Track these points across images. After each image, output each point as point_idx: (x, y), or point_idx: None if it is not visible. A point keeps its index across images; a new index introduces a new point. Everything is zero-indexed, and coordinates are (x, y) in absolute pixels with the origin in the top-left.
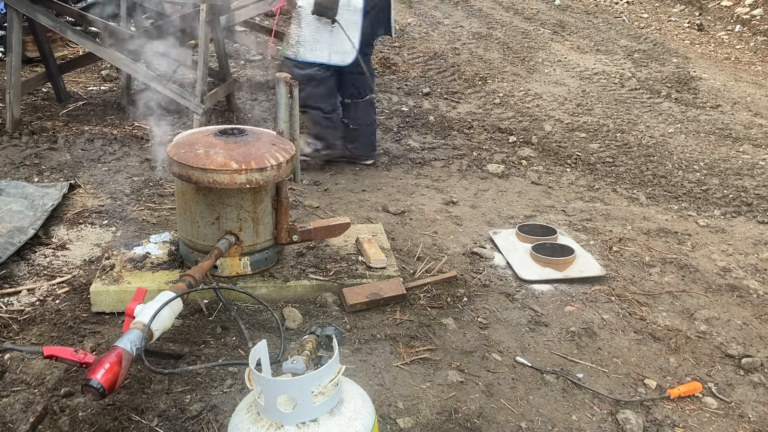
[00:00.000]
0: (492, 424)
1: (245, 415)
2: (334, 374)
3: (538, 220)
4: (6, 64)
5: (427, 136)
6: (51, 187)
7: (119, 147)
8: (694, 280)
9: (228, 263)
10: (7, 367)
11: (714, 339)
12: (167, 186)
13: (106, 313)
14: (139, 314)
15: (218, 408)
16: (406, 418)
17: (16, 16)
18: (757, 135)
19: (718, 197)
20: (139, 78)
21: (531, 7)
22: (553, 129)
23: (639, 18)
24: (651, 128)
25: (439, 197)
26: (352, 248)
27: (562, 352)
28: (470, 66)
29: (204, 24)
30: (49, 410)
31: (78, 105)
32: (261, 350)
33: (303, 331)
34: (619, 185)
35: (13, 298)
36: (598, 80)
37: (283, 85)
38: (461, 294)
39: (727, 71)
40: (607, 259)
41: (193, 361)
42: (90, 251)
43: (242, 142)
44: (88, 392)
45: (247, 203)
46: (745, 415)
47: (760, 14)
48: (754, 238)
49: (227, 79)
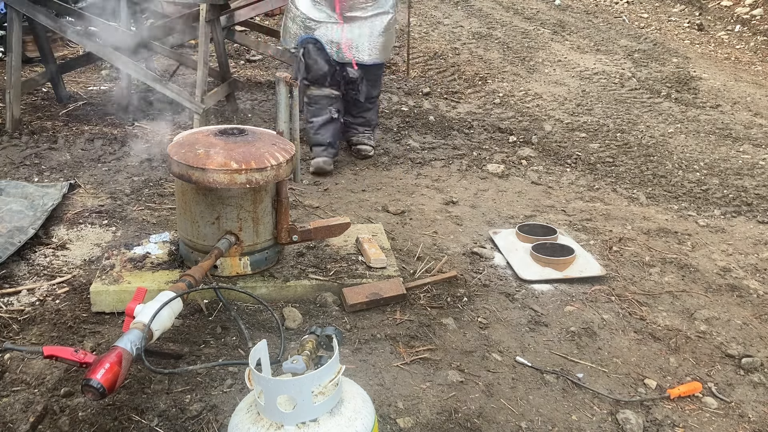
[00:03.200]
0: (492, 424)
1: (245, 415)
2: (334, 374)
3: (538, 220)
4: (6, 64)
5: (427, 136)
6: (51, 187)
7: (119, 147)
8: (694, 280)
9: (228, 263)
10: (7, 367)
11: (714, 339)
12: (167, 186)
13: (106, 313)
14: (139, 314)
15: (218, 408)
16: (406, 418)
17: (16, 16)
18: (757, 135)
19: (718, 197)
20: (139, 78)
21: (531, 7)
22: (553, 129)
23: (639, 18)
24: (651, 128)
25: (439, 197)
26: (352, 248)
27: (562, 352)
28: (470, 66)
29: (204, 24)
30: (49, 410)
31: (78, 105)
32: (261, 350)
33: (303, 331)
34: (619, 185)
35: (13, 298)
36: (598, 80)
37: (283, 85)
38: (461, 294)
39: (727, 71)
40: (607, 259)
41: (193, 361)
42: (90, 251)
43: (242, 141)
44: (88, 392)
45: (247, 203)
46: (745, 415)
47: (760, 14)
48: (754, 238)
49: (227, 79)
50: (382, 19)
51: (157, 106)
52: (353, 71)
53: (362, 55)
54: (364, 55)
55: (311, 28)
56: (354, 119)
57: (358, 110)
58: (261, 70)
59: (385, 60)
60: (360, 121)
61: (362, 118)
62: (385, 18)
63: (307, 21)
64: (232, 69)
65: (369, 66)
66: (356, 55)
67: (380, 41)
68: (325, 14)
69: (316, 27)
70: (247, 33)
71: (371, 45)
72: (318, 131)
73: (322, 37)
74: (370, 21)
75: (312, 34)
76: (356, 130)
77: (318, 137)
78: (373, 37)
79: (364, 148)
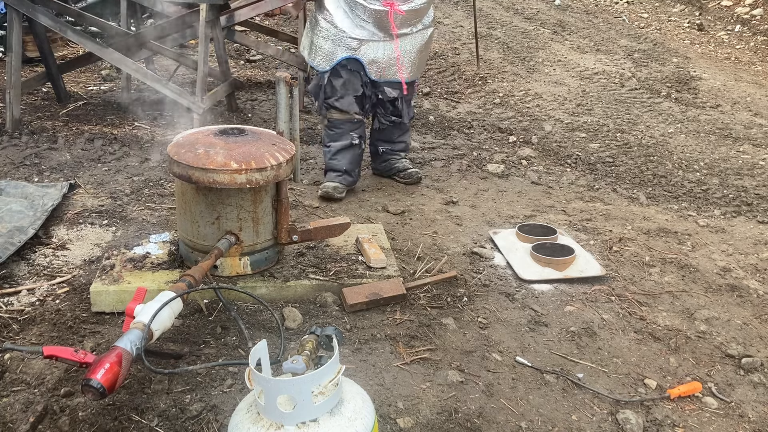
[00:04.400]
0: (492, 424)
1: (245, 415)
2: (334, 374)
3: (538, 220)
4: (6, 64)
5: (427, 136)
6: (51, 187)
7: (119, 147)
8: (694, 280)
9: (228, 263)
10: (7, 367)
11: (714, 339)
12: (167, 186)
13: (106, 313)
14: (139, 314)
15: (218, 408)
16: (406, 418)
17: (16, 16)
18: (757, 135)
19: (718, 197)
20: (139, 78)
21: (531, 7)
22: (553, 129)
23: (639, 18)
24: (651, 128)
25: (439, 197)
26: (352, 248)
27: (562, 352)
28: (470, 66)
29: (204, 24)
30: (49, 410)
31: (78, 105)
32: (261, 350)
33: (303, 331)
34: (619, 185)
35: (13, 298)
36: (598, 80)
37: (283, 85)
38: (461, 294)
39: (727, 71)
40: (607, 259)
41: (193, 361)
42: (90, 251)
43: (242, 141)
44: (88, 392)
45: (247, 203)
46: (745, 415)
47: (760, 14)
48: (754, 238)
49: (227, 79)
50: (423, 34)
51: (157, 106)
52: (391, 91)
53: (404, 72)
54: (405, 72)
55: (353, 48)
56: (394, 146)
57: (399, 134)
58: (261, 70)
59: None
60: (400, 147)
61: (402, 143)
62: (427, 33)
63: (347, 39)
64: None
65: (408, 84)
66: (399, 73)
67: (420, 57)
68: (368, 32)
69: (359, 46)
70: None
71: (411, 61)
72: (335, 156)
73: (364, 57)
74: (412, 37)
75: (355, 54)
76: (398, 156)
77: (333, 162)
78: (413, 53)
79: (414, 171)
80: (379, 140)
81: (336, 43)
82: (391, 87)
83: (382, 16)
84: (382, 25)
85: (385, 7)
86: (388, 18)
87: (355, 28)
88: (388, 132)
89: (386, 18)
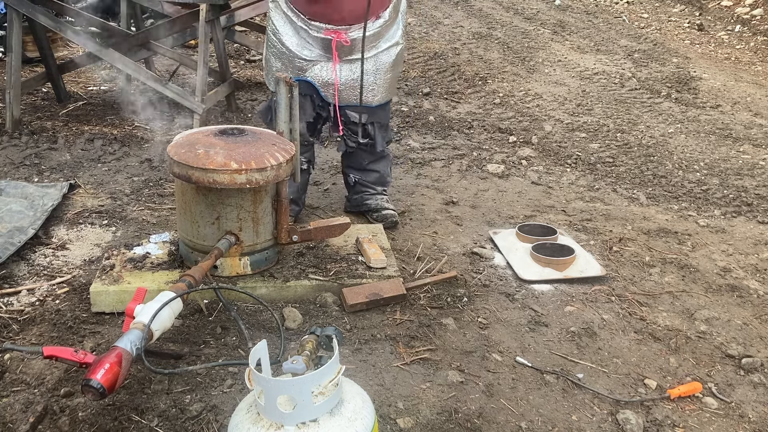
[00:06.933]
0: (492, 424)
1: (245, 415)
2: (334, 374)
3: (538, 220)
4: (6, 64)
5: (427, 136)
6: (51, 187)
7: (119, 147)
8: (694, 280)
9: (228, 263)
10: (7, 367)
11: (714, 339)
12: (167, 186)
13: (106, 313)
14: (139, 314)
15: (218, 408)
16: (406, 418)
17: (16, 16)
18: (757, 135)
19: (718, 197)
20: (139, 78)
21: (531, 7)
22: (553, 129)
23: (639, 18)
24: (651, 128)
25: (439, 197)
26: (352, 248)
27: (562, 352)
28: (470, 66)
29: (204, 24)
30: (49, 410)
31: (78, 105)
32: (261, 350)
33: (303, 331)
34: (619, 185)
35: (13, 298)
36: (598, 80)
37: (283, 85)
38: (461, 294)
39: (727, 71)
40: (607, 259)
41: (193, 361)
42: (90, 251)
43: (242, 142)
44: (88, 392)
45: (247, 203)
46: (745, 415)
47: (760, 14)
48: (754, 238)
49: (227, 79)
50: (390, 53)
51: (156, 107)
52: (354, 115)
53: (367, 95)
54: (369, 95)
55: (302, 68)
56: (364, 175)
57: (371, 160)
58: (261, 70)
59: (392, 98)
60: (374, 178)
61: (375, 173)
62: (395, 50)
63: (295, 60)
64: (232, 69)
65: (375, 108)
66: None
67: (387, 78)
68: (316, 53)
69: (308, 67)
70: (247, 33)
71: (376, 83)
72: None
73: (316, 79)
74: (375, 57)
75: (303, 75)
76: (371, 190)
77: None
78: (379, 74)
79: (389, 213)
80: (348, 167)
81: (284, 62)
82: (354, 110)
83: (327, 43)
84: (329, 49)
85: (327, 36)
86: (332, 48)
87: (302, 48)
88: (356, 157)
89: (330, 47)
